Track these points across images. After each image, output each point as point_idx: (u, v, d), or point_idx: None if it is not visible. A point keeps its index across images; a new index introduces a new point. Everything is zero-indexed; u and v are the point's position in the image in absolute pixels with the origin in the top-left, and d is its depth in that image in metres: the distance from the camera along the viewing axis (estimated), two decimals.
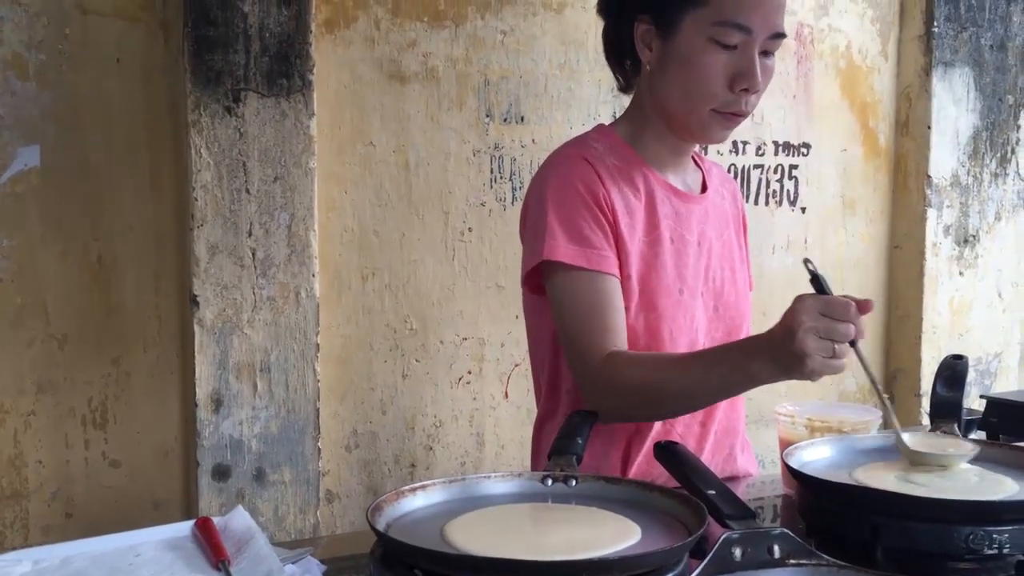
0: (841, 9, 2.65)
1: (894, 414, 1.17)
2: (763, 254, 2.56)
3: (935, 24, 2.67)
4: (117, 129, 1.97)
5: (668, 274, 1.39)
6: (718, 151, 2.47)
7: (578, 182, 1.35)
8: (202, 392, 1.95)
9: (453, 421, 2.27)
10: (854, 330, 1.09)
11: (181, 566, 1.00)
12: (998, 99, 2.79)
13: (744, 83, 1.31)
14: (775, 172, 2.59)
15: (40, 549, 1.05)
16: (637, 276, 1.37)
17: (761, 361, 1.15)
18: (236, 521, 1.08)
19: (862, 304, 1.10)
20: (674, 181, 1.46)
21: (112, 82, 1.96)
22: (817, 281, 1.14)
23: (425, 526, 0.96)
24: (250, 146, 1.95)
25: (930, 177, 2.71)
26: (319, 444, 2.05)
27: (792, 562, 0.90)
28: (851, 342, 1.10)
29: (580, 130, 1.53)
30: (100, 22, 1.94)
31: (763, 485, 1.46)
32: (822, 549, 0.92)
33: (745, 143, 2.54)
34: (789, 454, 1.18)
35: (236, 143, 1.94)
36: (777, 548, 0.91)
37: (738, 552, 0.90)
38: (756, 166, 2.57)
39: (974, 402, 2.37)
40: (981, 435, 1.72)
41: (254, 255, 1.97)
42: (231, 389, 1.97)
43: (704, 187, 1.51)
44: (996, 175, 2.82)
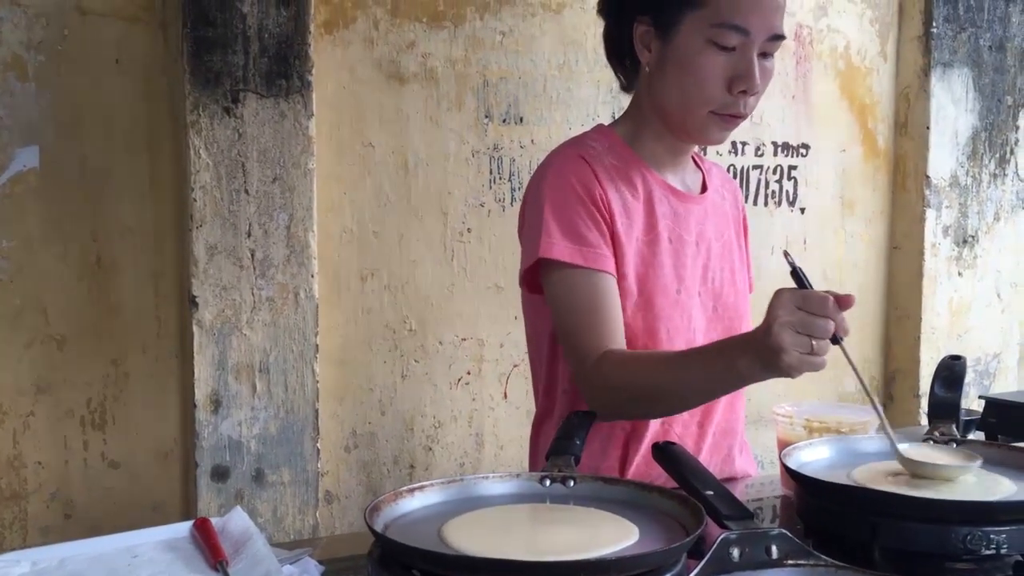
0: (840, 10, 2.66)
1: (885, 418, 1.14)
2: (762, 255, 2.55)
3: (934, 25, 2.67)
4: (116, 130, 1.97)
5: (665, 274, 1.39)
6: (717, 151, 2.47)
7: (575, 181, 1.35)
8: (201, 393, 1.95)
9: (452, 422, 2.27)
10: (833, 325, 1.05)
11: (179, 567, 1.01)
12: (997, 100, 2.79)
13: (742, 85, 1.31)
14: (774, 173, 2.60)
15: (38, 550, 1.05)
16: (634, 276, 1.37)
17: (746, 358, 1.13)
18: (234, 522, 1.08)
19: (842, 299, 1.06)
20: (673, 181, 1.46)
21: (111, 83, 1.96)
22: (797, 275, 1.10)
23: (423, 527, 0.96)
24: (249, 147, 1.95)
25: (929, 178, 2.71)
26: (318, 445, 2.05)
27: (790, 562, 0.90)
28: (835, 340, 1.06)
29: (579, 131, 1.53)
30: (99, 23, 1.94)
31: (762, 486, 1.46)
32: (820, 549, 0.92)
33: (744, 144, 2.54)
34: (787, 455, 1.18)
35: (235, 144, 1.94)
36: (775, 548, 0.91)
37: (736, 552, 0.90)
38: (755, 167, 2.57)
39: (973, 402, 2.38)
40: (980, 435, 1.72)
41: (253, 256, 1.97)
42: (230, 390, 1.97)
43: (704, 187, 1.51)
44: (995, 176, 2.82)
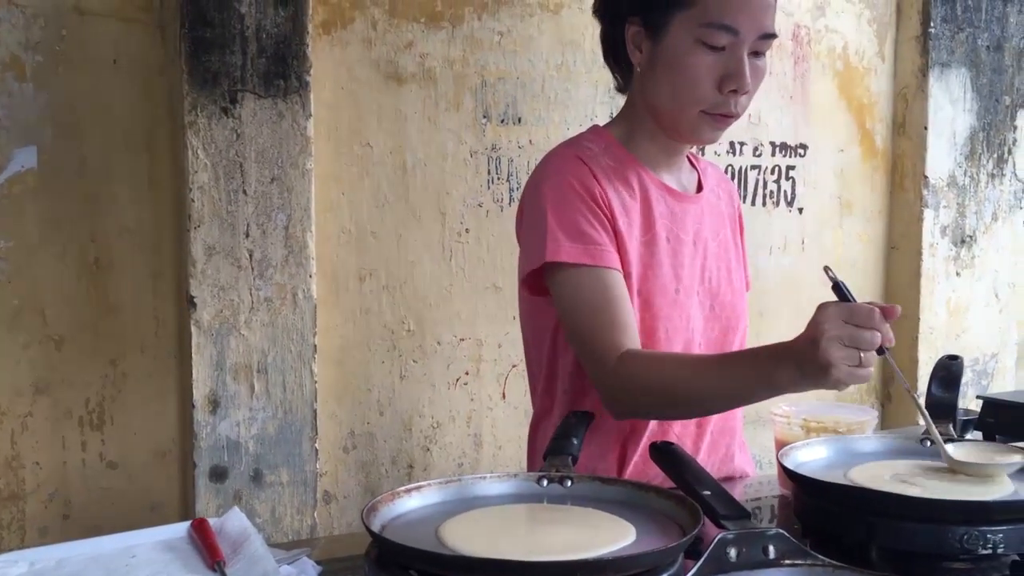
0: (838, 10, 2.66)
1: (932, 424, 1.15)
2: (760, 254, 2.56)
3: (932, 25, 2.67)
4: (114, 130, 1.97)
5: (664, 273, 1.39)
6: (715, 151, 2.47)
7: (574, 181, 1.35)
8: (199, 393, 1.95)
9: (451, 422, 2.27)
10: (880, 337, 1.06)
11: (177, 567, 1.01)
12: (995, 100, 2.79)
13: (732, 84, 1.31)
14: (772, 173, 2.60)
15: (36, 550, 1.05)
16: (635, 275, 1.37)
17: (785, 369, 1.12)
18: (232, 522, 1.09)
19: (887, 310, 1.07)
20: (669, 181, 1.46)
21: (109, 83, 1.96)
22: (839, 289, 1.11)
23: (420, 527, 0.96)
24: (247, 147, 1.95)
25: (927, 178, 2.71)
26: (316, 445, 2.05)
27: (787, 562, 0.90)
28: (880, 349, 1.07)
29: (577, 131, 1.53)
30: (97, 23, 1.94)
31: (760, 485, 1.46)
32: (817, 549, 0.92)
33: (742, 144, 2.54)
34: (785, 454, 1.18)
35: (233, 144, 1.94)
36: (772, 548, 0.91)
37: (733, 552, 0.90)
38: (753, 167, 2.57)
39: (971, 402, 2.38)
40: (978, 435, 1.72)
41: (251, 256, 1.97)
42: (228, 390, 1.97)
43: (700, 187, 1.51)
44: (993, 176, 2.82)
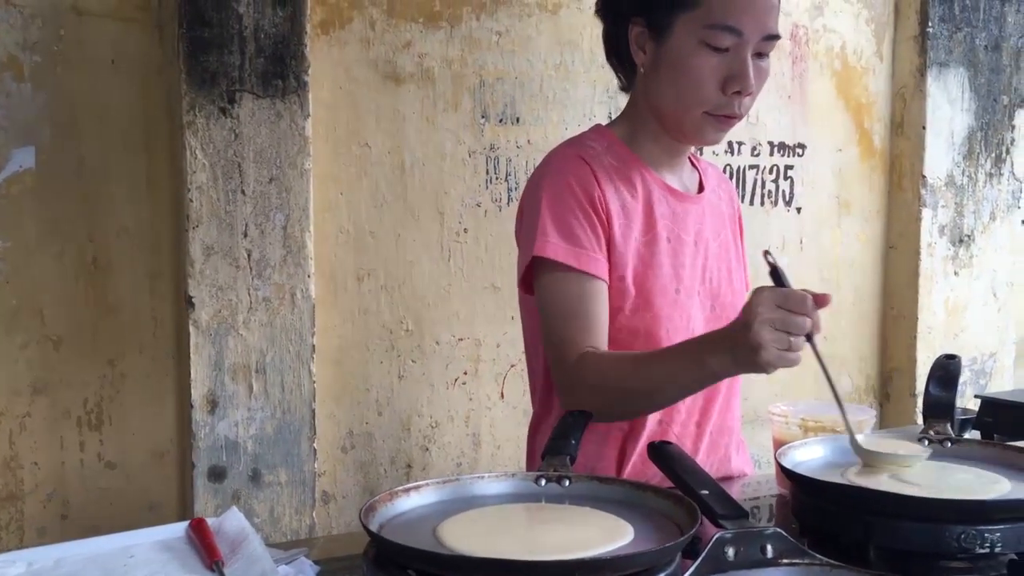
0: (836, 10, 2.66)
1: (846, 412, 1.16)
2: (758, 254, 2.55)
3: (930, 24, 2.67)
4: (112, 130, 1.97)
5: (664, 274, 1.39)
6: (713, 151, 2.47)
7: (574, 182, 1.35)
8: (197, 393, 1.95)
9: (449, 422, 2.27)
10: (810, 323, 1.08)
11: (175, 567, 1.01)
12: (993, 99, 2.79)
13: (736, 86, 1.31)
14: (770, 172, 2.60)
15: (34, 550, 1.05)
16: (633, 276, 1.37)
17: (717, 354, 1.15)
18: (230, 522, 1.09)
19: (819, 297, 1.09)
20: (671, 181, 1.46)
21: (107, 83, 1.96)
22: (776, 274, 1.13)
23: (418, 527, 0.96)
24: (245, 147, 1.95)
25: (925, 177, 2.71)
26: (315, 445, 2.05)
27: (785, 561, 0.90)
28: (807, 336, 1.09)
29: (576, 131, 1.53)
30: (95, 23, 1.94)
31: (758, 485, 1.46)
32: (815, 548, 0.92)
33: (740, 143, 2.54)
34: (782, 454, 1.18)
35: (231, 144, 1.94)
36: (770, 547, 0.91)
37: (731, 552, 0.90)
38: (751, 166, 2.57)
39: (969, 402, 2.38)
40: (976, 435, 1.72)
41: (249, 256, 1.97)
42: (226, 390, 1.97)
43: (701, 187, 1.52)
44: (991, 175, 2.82)
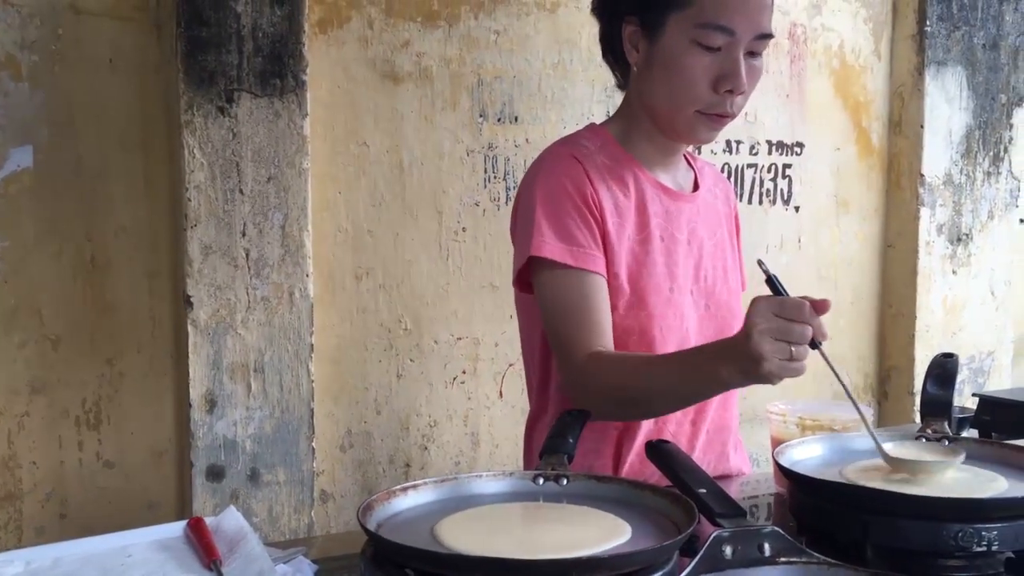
0: (834, 8, 2.66)
1: (867, 419, 1.15)
2: (757, 253, 2.53)
3: (928, 23, 2.67)
4: (110, 130, 1.97)
5: (658, 272, 1.39)
6: (711, 150, 2.47)
7: (566, 181, 1.36)
8: (196, 393, 1.95)
9: (448, 421, 2.27)
10: (811, 331, 1.06)
11: (173, 566, 1.01)
12: (991, 98, 2.79)
13: (728, 85, 1.31)
14: (769, 171, 2.60)
15: (32, 550, 1.05)
16: (626, 275, 1.37)
17: (723, 365, 1.13)
18: (228, 521, 1.08)
19: (818, 304, 1.06)
20: (665, 180, 1.46)
21: (105, 82, 1.96)
22: (772, 283, 1.11)
23: (416, 525, 0.96)
24: (243, 146, 1.95)
25: (923, 176, 2.71)
26: (313, 444, 2.05)
27: (783, 560, 0.90)
28: (814, 344, 1.07)
29: (574, 129, 1.53)
30: (93, 22, 1.94)
31: (757, 483, 1.46)
32: (813, 547, 0.92)
33: (739, 142, 2.54)
34: (780, 452, 1.18)
35: (229, 143, 1.94)
36: (767, 546, 0.91)
37: (728, 550, 0.90)
38: (750, 165, 2.57)
39: (967, 400, 2.38)
40: (973, 433, 1.72)
41: (248, 255, 1.97)
42: (225, 389, 1.97)
43: (696, 186, 1.52)
44: (989, 174, 2.82)
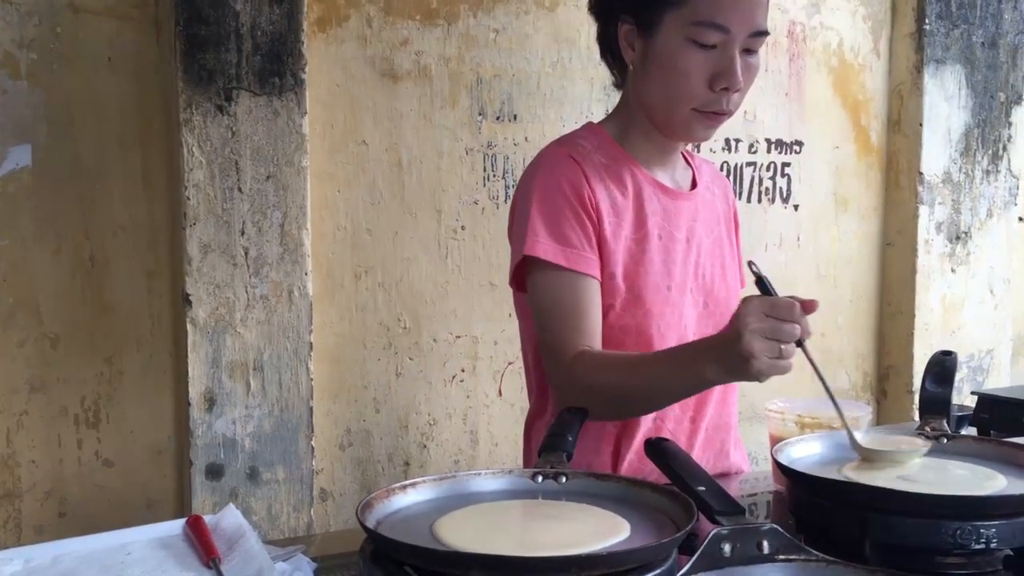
0: (833, 7, 2.66)
1: (842, 412, 1.17)
2: (756, 252, 2.57)
3: (927, 21, 2.67)
4: (109, 128, 1.97)
5: (656, 271, 1.39)
6: (710, 148, 2.48)
7: (563, 181, 1.36)
8: (195, 391, 1.95)
9: (447, 419, 2.27)
10: (800, 330, 1.08)
11: (172, 564, 1.01)
12: (990, 96, 2.80)
13: (724, 82, 1.31)
14: (767, 170, 2.60)
15: (31, 548, 1.05)
16: (623, 273, 1.37)
17: (710, 363, 1.15)
18: (227, 519, 1.09)
19: (807, 304, 1.09)
20: (662, 178, 1.46)
21: (104, 81, 1.96)
22: (762, 283, 1.14)
23: (415, 523, 0.96)
24: (242, 145, 1.95)
25: (922, 174, 2.71)
26: (312, 443, 2.05)
27: (781, 558, 0.90)
28: (798, 342, 1.09)
29: (573, 128, 1.53)
30: (92, 21, 1.94)
31: (755, 481, 1.47)
32: (811, 544, 0.92)
33: (737, 141, 2.54)
34: (779, 450, 1.18)
35: (228, 142, 1.94)
36: (766, 544, 0.91)
37: (727, 548, 0.90)
38: (749, 164, 2.57)
39: (966, 398, 2.38)
40: (972, 431, 1.73)
41: (247, 254, 1.97)
42: (224, 388, 1.97)
43: (694, 184, 1.52)
44: (988, 172, 2.83)
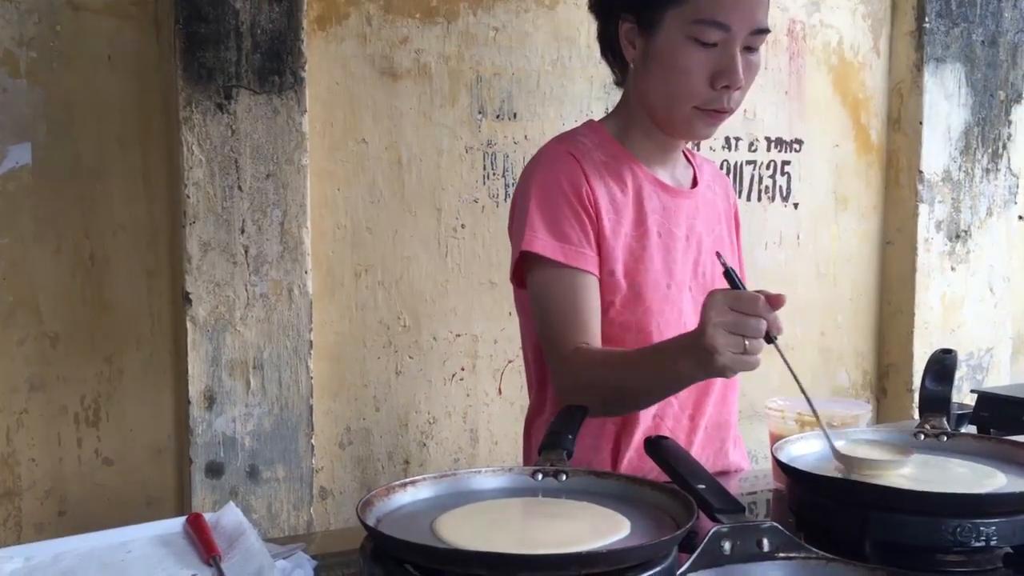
0: (833, 5, 2.66)
1: (821, 418, 1.14)
2: (756, 250, 2.57)
3: (926, 20, 2.67)
4: (109, 126, 1.97)
5: (655, 268, 1.40)
6: (710, 147, 2.48)
7: (562, 178, 1.36)
8: (195, 389, 1.95)
9: (447, 417, 2.27)
10: (765, 324, 1.06)
11: (172, 562, 1.01)
12: (989, 95, 2.80)
13: (725, 80, 1.32)
14: (767, 168, 2.60)
15: (32, 546, 1.05)
16: (623, 271, 1.37)
17: (683, 359, 1.14)
18: (227, 517, 1.09)
19: (773, 298, 1.06)
20: (663, 176, 1.46)
21: (104, 79, 1.95)
22: (729, 276, 1.11)
23: (415, 521, 0.96)
24: (242, 143, 1.95)
25: (922, 173, 2.71)
26: (312, 441, 2.05)
27: (781, 555, 0.90)
28: (770, 339, 1.07)
29: (573, 126, 1.53)
30: (91, 19, 1.94)
31: (755, 479, 1.47)
32: (811, 542, 0.92)
33: (738, 139, 2.54)
34: (779, 448, 1.18)
35: (228, 140, 1.94)
36: (766, 541, 0.91)
37: (727, 545, 0.90)
38: (748, 162, 2.57)
39: (966, 397, 2.38)
40: (972, 429, 1.73)
41: (247, 252, 1.97)
42: (224, 386, 1.97)
43: (695, 182, 1.52)
44: (987, 170, 2.83)
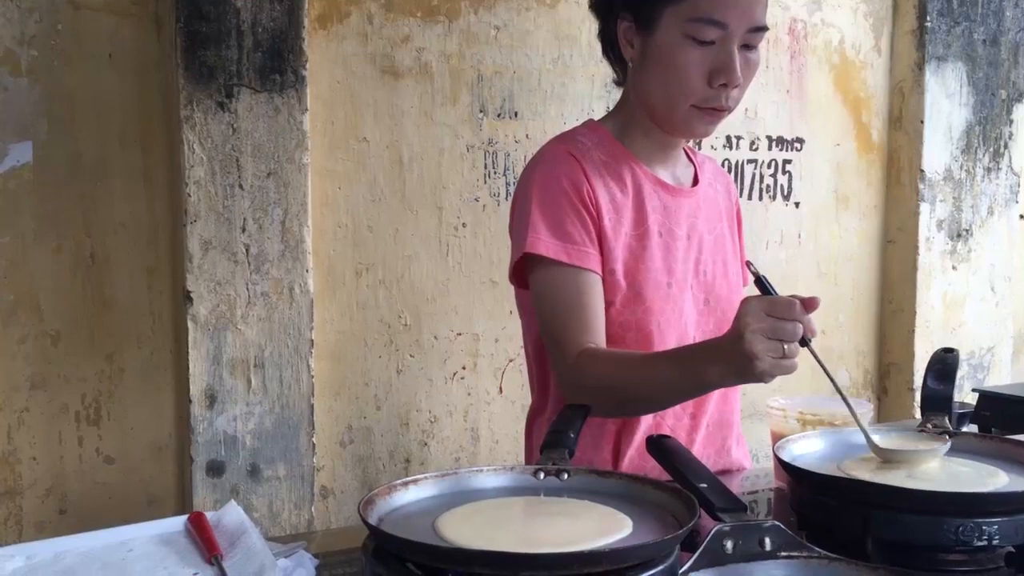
0: (834, 4, 2.66)
1: (857, 412, 1.16)
2: (757, 249, 2.57)
3: (928, 19, 2.67)
4: (109, 125, 1.96)
5: (656, 267, 1.40)
6: (711, 145, 2.47)
7: (563, 177, 1.36)
8: (196, 388, 1.95)
9: (447, 416, 2.27)
10: (801, 328, 1.07)
11: (174, 561, 1.01)
12: (991, 94, 2.79)
13: (722, 79, 1.31)
14: (768, 167, 2.60)
15: (32, 544, 1.05)
16: (623, 270, 1.37)
17: (714, 366, 1.15)
18: (229, 516, 1.09)
19: (808, 302, 1.08)
20: (663, 175, 1.46)
21: (104, 78, 1.95)
22: (761, 283, 1.13)
23: (417, 520, 0.96)
24: (243, 142, 1.95)
25: (923, 172, 2.71)
26: (313, 440, 2.05)
27: (783, 554, 0.91)
28: (803, 341, 1.08)
29: (573, 125, 1.53)
30: (92, 17, 1.94)
31: (756, 478, 1.47)
32: (813, 541, 0.93)
33: (738, 138, 2.54)
34: (781, 447, 1.18)
35: (229, 139, 1.94)
36: (768, 540, 0.91)
37: (729, 544, 0.90)
38: (750, 161, 2.57)
39: (967, 396, 2.39)
40: (973, 428, 1.73)
41: (247, 251, 1.97)
42: (225, 385, 1.97)
43: (696, 181, 1.51)
44: (989, 170, 2.83)
